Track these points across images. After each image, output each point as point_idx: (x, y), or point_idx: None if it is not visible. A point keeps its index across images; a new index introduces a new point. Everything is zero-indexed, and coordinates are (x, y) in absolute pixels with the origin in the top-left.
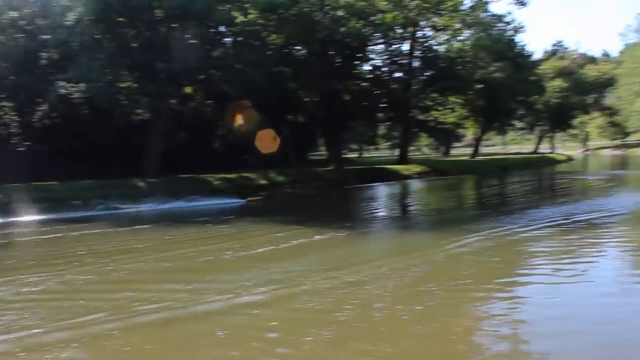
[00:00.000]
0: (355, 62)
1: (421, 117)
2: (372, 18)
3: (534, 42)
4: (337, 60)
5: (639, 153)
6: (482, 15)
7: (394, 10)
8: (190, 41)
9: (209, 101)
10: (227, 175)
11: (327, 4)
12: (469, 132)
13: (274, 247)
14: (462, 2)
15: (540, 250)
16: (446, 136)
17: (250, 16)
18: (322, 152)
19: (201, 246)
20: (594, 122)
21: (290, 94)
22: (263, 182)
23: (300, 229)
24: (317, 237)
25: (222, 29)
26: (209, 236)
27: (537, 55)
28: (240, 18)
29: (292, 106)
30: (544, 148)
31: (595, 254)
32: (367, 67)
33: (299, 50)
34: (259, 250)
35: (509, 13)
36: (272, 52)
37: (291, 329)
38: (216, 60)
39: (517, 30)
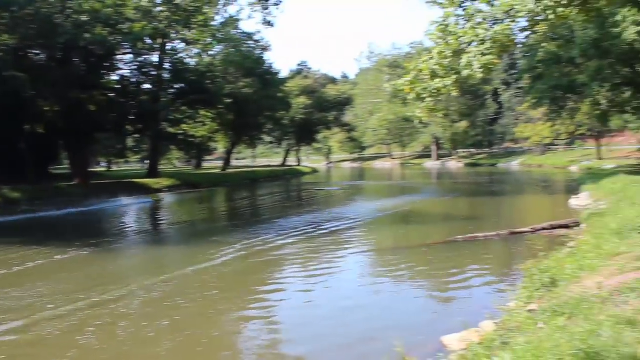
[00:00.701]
0: (102, 72)
1: (171, 130)
2: (119, 26)
3: (281, 61)
4: (82, 68)
5: (373, 165)
6: (232, 32)
7: (143, 20)
8: None
9: None
10: None
11: (70, 7)
12: (220, 146)
13: (5, 271)
14: (212, 17)
15: (290, 260)
16: (197, 149)
17: None
18: (66, 166)
19: None
20: (335, 137)
21: (27, 102)
22: None
23: (38, 250)
24: (59, 257)
25: None
26: None
27: (284, 73)
28: None
29: (30, 115)
30: (292, 161)
31: (340, 261)
32: (114, 77)
33: (38, 54)
34: None
35: (258, 32)
36: (3, 54)
37: None
38: None
39: (264, 48)
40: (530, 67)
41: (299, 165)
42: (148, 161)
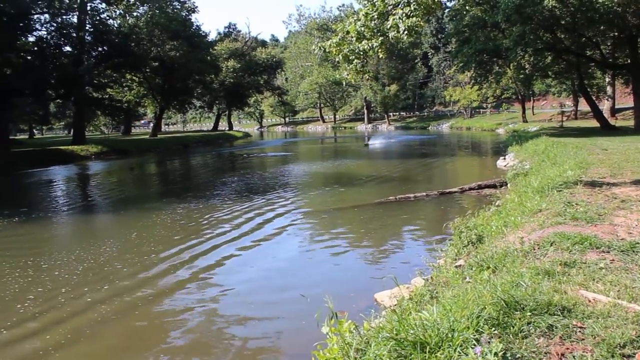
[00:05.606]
0: (17, 32)
1: (96, 94)
2: None
3: (209, 23)
4: None
5: (306, 129)
6: None
7: None
8: None
9: None
10: None
11: None
12: (149, 111)
13: None
14: None
15: (226, 223)
16: (125, 114)
17: None
18: None
19: None
20: (266, 101)
21: None
22: None
23: None
24: None
25: None
26: None
27: (212, 36)
28: None
29: None
30: (223, 125)
31: (275, 223)
32: (31, 38)
33: None
34: None
35: None
36: None
37: None
38: None
39: (191, 10)
40: (457, 31)
41: (230, 129)
42: (73, 128)
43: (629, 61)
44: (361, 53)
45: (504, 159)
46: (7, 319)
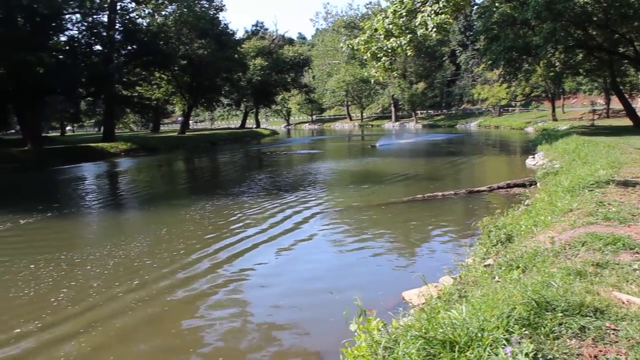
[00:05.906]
0: (49, 32)
1: (125, 92)
2: None
3: (237, 21)
4: (27, 28)
5: (333, 127)
6: None
7: None
8: None
9: None
10: None
11: None
12: (177, 108)
13: None
14: None
15: (253, 220)
16: (154, 112)
17: None
18: (13, 131)
19: None
20: (293, 99)
21: None
22: None
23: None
24: (22, 221)
25: None
26: None
27: (239, 34)
28: None
29: None
30: (250, 123)
31: (303, 220)
32: (63, 38)
33: None
34: None
35: None
36: None
37: None
38: None
39: (219, 9)
40: (485, 28)
41: (258, 127)
42: (103, 125)
43: None
44: (389, 51)
45: (534, 157)
46: (43, 312)
